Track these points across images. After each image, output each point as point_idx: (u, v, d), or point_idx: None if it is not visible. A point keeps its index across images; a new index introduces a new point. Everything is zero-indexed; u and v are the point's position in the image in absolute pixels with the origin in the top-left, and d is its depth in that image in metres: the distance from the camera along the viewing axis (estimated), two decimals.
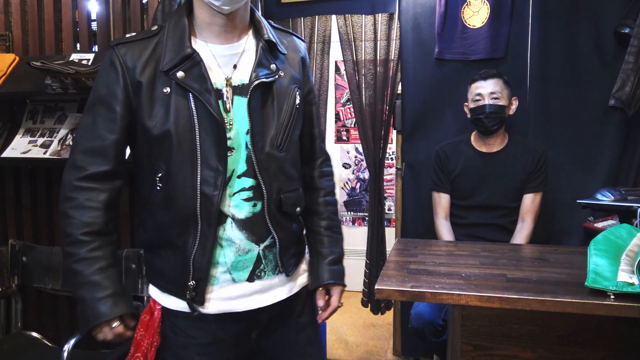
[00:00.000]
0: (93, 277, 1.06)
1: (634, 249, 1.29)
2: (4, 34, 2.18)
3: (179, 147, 1.06)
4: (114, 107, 1.08)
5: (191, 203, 1.06)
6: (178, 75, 1.06)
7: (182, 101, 1.06)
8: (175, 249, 1.10)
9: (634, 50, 2.11)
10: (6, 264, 2.10)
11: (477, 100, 2.13)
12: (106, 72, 1.10)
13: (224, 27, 1.11)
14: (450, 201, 2.25)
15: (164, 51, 1.08)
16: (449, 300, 1.32)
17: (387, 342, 2.98)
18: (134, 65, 1.08)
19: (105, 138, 1.09)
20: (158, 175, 1.08)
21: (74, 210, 1.07)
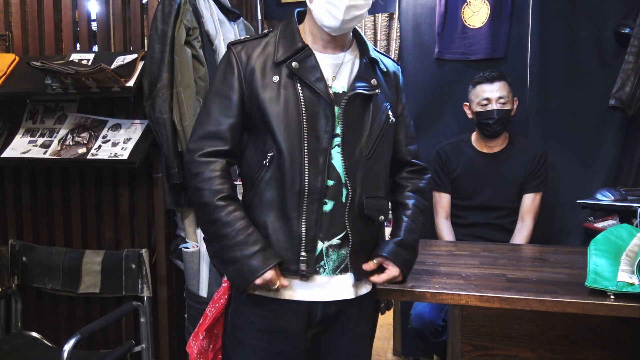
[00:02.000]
0: (239, 237, 1.13)
1: (634, 249, 1.30)
2: (4, 34, 2.17)
3: (288, 129, 1.16)
4: (230, 95, 1.20)
5: (299, 178, 1.15)
6: (293, 64, 1.18)
7: (291, 88, 1.18)
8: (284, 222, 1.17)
9: (634, 50, 2.11)
10: (6, 264, 2.10)
11: (485, 105, 2.12)
12: (222, 69, 1.23)
13: (329, 42, 1.24)
14: (450, 201, 2.25)
15: (277, 47, 1.21)
16: (449, 300, 1.32)
17: (387, 342, 2.98)
18: (247, 57, 1.20)
19: (221, 122, 1.19)
20: (268, 154, 1.18)
21: (203, 183, 1.15)
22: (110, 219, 2.08)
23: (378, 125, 1.24)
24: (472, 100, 2.17)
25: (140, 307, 1.92)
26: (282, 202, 1.17)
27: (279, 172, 1.16)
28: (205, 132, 1.19)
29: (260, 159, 1.19)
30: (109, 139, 1.96)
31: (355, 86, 1.21)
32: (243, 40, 1.24)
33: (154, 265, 2.01)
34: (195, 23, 1.89)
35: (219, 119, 1.19)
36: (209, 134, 1.19)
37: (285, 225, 1.17)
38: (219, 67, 1.25)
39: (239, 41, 1.25)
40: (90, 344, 2.12)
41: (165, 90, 1.81)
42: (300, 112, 1.16)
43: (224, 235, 1.14)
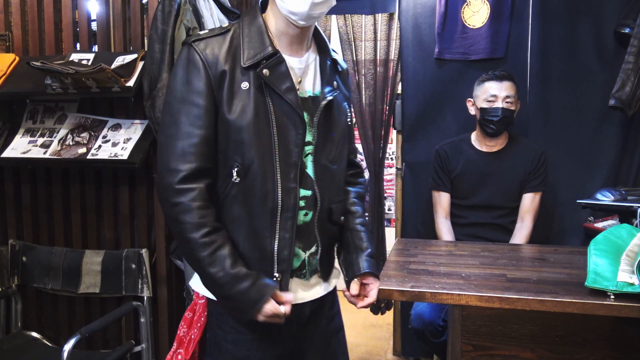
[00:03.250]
0: (228, 277, 1.06)
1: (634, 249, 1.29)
2: (4, 34, 2.18)
3: (259, 141, 1.09)
4: (198, 102, 1.08)
5: (272, 196, 1.10)
6: (264, 72, 1.09)
7: (260, 97, 1.09)
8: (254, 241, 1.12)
9: (634, 50, 2.11)
10: (6, 264, 2.10)
11: (491, 102, 2.11)
12: (184, 69, 1.09)
13: (295, 38, 1.16)
14: (450, 200, 2.25)
15: (242, 47, 1.10)
16: (449, 300, 1.32)
17: (387, 342, 2.98)
18: (215, 58, 1.08)
19: (193, 135, 1.07)
20: (234, 169, 1.10)
21: (184, 215, 1.06)
22: (110, 219, 2.08)
23: (342, 128, 1.23)
24: (477, 97, 2.16)
25: (140, 307, 1.92)
26: (251, 221, 1.11)
27: (246, 188, 1.10)
28: (178, 148, 1.07)
29: (225, 172, 1.12)
30: (109, 139, 1.96)
31: (325, 93, 1.17)
32: (204, 37, 1.11)
33: (154, 265, 2.02)
34: (195, 23, 1.89)
35: (189, 131, 1.07)
36: (183, 150, 1.07)
37: (256, 245, 1.12)
38: (177, 68, 1.11)
39: (198, 37, 1.11)
40: (90, 344, 2.12)
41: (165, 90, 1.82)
42: (271, 124, 1.10)
43: (211, 274, 1.07)
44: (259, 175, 1.09)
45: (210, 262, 1.06)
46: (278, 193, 1.10)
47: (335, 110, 1.21)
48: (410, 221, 2.61)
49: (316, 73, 1.19)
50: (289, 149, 1.11)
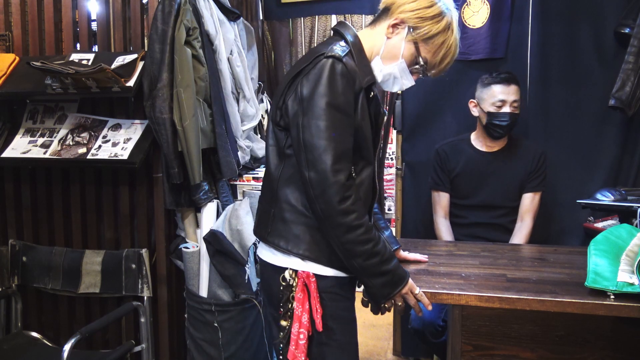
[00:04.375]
0: (387, 254, 1.26)
1: (634, 249, 1.29)
2: (4, 34, 2.18)
3: (367, 145, 1.31)
4: (351, 114, 1.24)
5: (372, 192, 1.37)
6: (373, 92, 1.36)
7: (368, 111, 1.32)
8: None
9: (634, 50, 2.11)
10: (6, 264, 2.10)
11: (499, 107, 2.09)
12: (337, 80, 1.22)
13: None
14: (449, 200, 2.25)
15: (359, 67, 1.28)
16: (449, 300, 1.32)
17: (387, 342, 2.98)
18: (355, 75, 1.25)
19: (347, 141, 1.24)
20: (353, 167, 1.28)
21: (354, 205, 1.22)
22: (110, 219, 2.08)
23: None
24: (483, 99, 2.14)
25: (140, 307, 1.92)
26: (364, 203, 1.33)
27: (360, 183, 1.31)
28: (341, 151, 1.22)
29: None
30: (109, 139, 1.96)
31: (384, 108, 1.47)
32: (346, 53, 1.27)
33: (154, 265, 2.02)
34: (195, 23, 1.89)
35: (347, 139, 1.24)
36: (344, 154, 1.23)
37: None
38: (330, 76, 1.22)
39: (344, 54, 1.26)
40: (90, 344, 2.12)
41: (165, 90, 1.82)
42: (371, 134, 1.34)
43: (378, 252, 1.24)
44: (370, 175, 1.34)
45: (377, 242, 1.24)
46: (377, 186, 1.39)
47: None
48: (410, 221, 2.61)
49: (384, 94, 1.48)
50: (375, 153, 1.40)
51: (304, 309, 1.29)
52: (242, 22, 2.30)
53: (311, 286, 1.29)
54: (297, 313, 1.29)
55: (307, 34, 2.83)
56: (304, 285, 1.29)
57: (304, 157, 1.22)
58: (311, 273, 1.29)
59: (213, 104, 1.93)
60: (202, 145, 1.87)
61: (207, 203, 1.97)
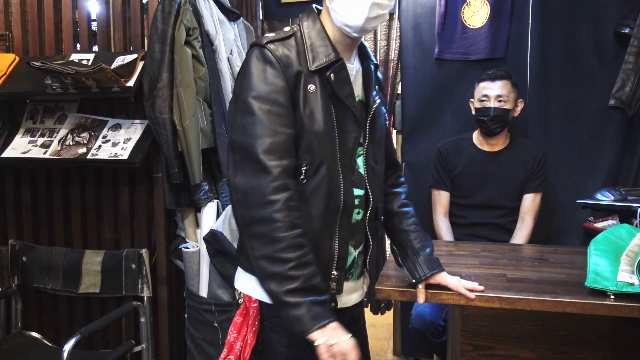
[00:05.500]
0: (311, 282, 1.03)
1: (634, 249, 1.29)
2: (4, 34, 2.18)
3: (326, 144, 1.12)
4: (280, 100, 1.08)
5: (336, 196, 1.13)
6: (331, 76, 1.12)
7: (325, 100, 1.12)
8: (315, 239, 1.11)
9: (634, 50, 2.11)
10: (6, 264, 2.10)
11: (483, 101, 2.13)
12: (261, 69, 1.09)
13: (347, 47, 1.19)
14: (449, 199, 2.25)
15: (308, 51, 1.13)
16: (449, 300, 1.32)
17: (387, 342, 2.98)
18: (288, 60, 1.11)
19: (280, 133, 1.07)
20: (303, 168, 1.11)
21: (279, 213, 1.02)
22: (110, 219, 2.08)
23: (382, 130, 1.27)
24: (475, 97, 2.19)
25: (140, 307, 1.92)
26: (314, 219, 1.11)
27: (314, 188, 1.11)
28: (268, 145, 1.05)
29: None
30: (109, 139, 1.96)
31: (375, 98, 1.22)
32: (273, 39, 1.13)
33: (154, 265, 2.02)
34: (195, 23, 1.89)
35: (276, 129, 1.06)
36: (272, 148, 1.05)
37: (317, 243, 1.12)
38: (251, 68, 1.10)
39: (269, 39, 1.12)
40: (90, 344, 2.12)
41: (165, 90, 1.81)
42: (334, 127, 1.13)
43: (293, 277, 1.01)
44: (326, 177, 1.11)
45: (297, 264, 1.02)
46: (341, 193, 1.14)
47: (378, 114, 1.24)
48: None
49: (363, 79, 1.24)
50: (347, 151, 1.15)
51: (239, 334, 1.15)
52: (242, 22, 2.30)
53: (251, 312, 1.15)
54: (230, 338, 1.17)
55: None
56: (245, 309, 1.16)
57: (232, 159, 1.10)
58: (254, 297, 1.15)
59: (213, 104, 1.93)
60: (202, 145, 1.87)
61: (207, 203, 1.97)
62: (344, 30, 1.15)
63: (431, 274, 1.28)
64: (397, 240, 1.35)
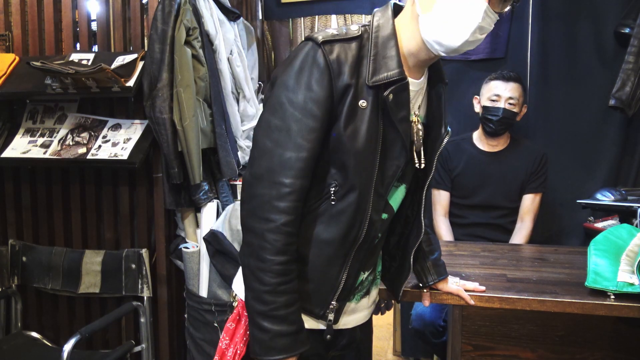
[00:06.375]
0: (280, 312, 0.97)
1: (634, 249, 1.29)
2: (4, 34, 2.18)
3: (363, 169, 1.00)
4: (315, 112, 0.96)
5: (359, 226, 1.03)
6: (390, 97, 0.99)
7: (374, 120, 1.00)
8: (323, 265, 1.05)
9: (634, 50, 2.11)
10: (6, 264, 2.10)
11: (494, 101, 2.12)
12: (307, 70, 0.97)
13: (423, 62, 1.06)
14: (449, 199, 2.25)
15: (370, 61, 1.00)
16: (449, 301, 1.32)
17: (387, 342, 2.98)
18: (341, 67, 0.97)
19: (303, 148, 0.96)
20: (332, 188, 1.01)
21: (271, 234, 0.96)
22: (110, 219, 2.08)
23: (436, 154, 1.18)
24: (483, 94, 2.18)
25: (140, 307, 1.92)
26: (329, 244, 1.03)
27: (338, 212, 1.02)
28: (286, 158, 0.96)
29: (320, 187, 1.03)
30: (109, 139, 1.96)
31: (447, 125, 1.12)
32: (333, 39, 0.98)
33: (154, 265, 2.02)
34: (195, 23, 1.89)
35: (300, 144, 0.96)
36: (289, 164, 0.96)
37: (324, 269, 1.05)
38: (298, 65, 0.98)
39: (327, 38, 0.98)
40: (90, 344, 2.12)
41: (165, 90, 1.81)
42: (377, 152, 1.01)
43: (266, 301, 0.97)
44: (354, 204, 1.01)
45: (272, 290, 0.97)
46: (365, 224, 1.03)
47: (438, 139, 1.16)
48: None
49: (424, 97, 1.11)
50: (384, 179, 1.04)
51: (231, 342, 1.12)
52: (242, 22, 2.30)
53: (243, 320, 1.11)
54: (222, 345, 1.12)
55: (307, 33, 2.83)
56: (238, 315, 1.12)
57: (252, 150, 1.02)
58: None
59: (213, 104, 1.93)
60: (202, 145, 1.87)
61: (207, 203, 1.97)
62: (431, 46, 1.00)
63: (438, 280, 1.30)
64: None
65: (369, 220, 1.03)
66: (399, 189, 1.13)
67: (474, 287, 1.32)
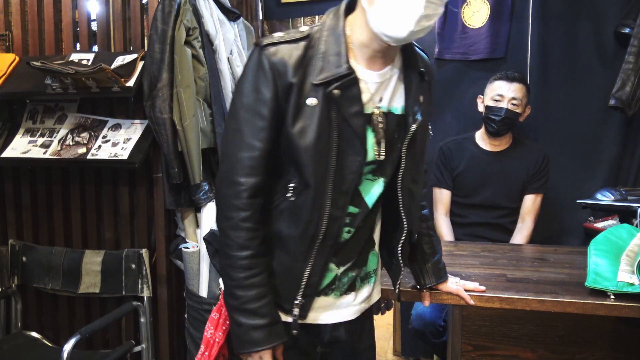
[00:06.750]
0: (250, 305, 1.03)
1: (634, 249, 1.29)
2: (4, 34, 2.18)
3: (316, 165, 1.02)
4: (263, 113, 1.01)
5: (316, 223, 1.04)
6: (335, 92, 1.00)
7: (326, 118, 1.01)
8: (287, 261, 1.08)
9: (634, 50, 2.11)
10: (6, 264, 2.10)
11: (497, 101, 2.12)
12: (253, 74, 1.03)
13: (379, 53, 1.06)
14: (450, 198, 2.25)
15: (316, 60, 1.02)
16: (449, 300, 1.32)
17: (387, 342, 2.98)
18: (284, 68, 1.01)
19: (255, 148, 1.02)
20: (291, 184, 1.05)
21: (233, 231, 1.03)
22: (110, 219, 2.08)
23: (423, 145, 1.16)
24: (486, 94, 2.18)
25: (140, 307, 1.92)
26: (290, 241, 1.07)
27: (295, 208, 1.05)
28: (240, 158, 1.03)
29: (281, 184, 1.07)
30: (109, 139, 1.96)
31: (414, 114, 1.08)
32: (277, 41, 1.02)
33: (154, 265, 2.02)
34: (195, 23, 1.89)
35: (251, 143, 1.02)
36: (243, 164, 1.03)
37: (288, 265, 1.08)
38: (247, 71, 1.05)
39: (271, 41, 1.02)
40: (90, 344, 2.12)
41: (165, 90, 1.81)
42: (332, 148, 1.02)
43: (237, 296, 1.04)
44: (309, 200, 1.03)
45: (240, 285, 1.03)
46: (323, 221, 1.04)
47: (420, 130, 1.11)
48: None
49: (397, 87, 1.10)
50: (345, 175, 1.04)
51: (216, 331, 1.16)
52: (242, 22, 2.30)
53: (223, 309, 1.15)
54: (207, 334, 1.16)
55: None
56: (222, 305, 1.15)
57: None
58: None
59: (213, 104, 1.93)
60: (202, 145, 1.87)
61: (207, 203, 1.97)
62: (381, 38, 1.01)
63: (437, 283, 1.30)
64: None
65: (327, 216, 1.04)
66: (376, 183, 1.11)
67: (474, 287, 1.32)
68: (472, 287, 1.32)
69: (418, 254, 1.29)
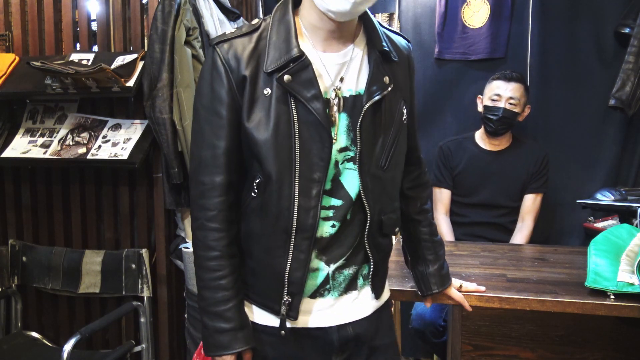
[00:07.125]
0: (216, 308, 1.02)
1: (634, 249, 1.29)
2: (4, 34, 2.18)
3: (277, 156, 0.98)
4: (220, 111, 1.01)
5: (287, 215, 1.00)
6: (285, 78, 0.97)
7: (283, 106, 0.98)
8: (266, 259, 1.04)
9: (634, 50, 2.11)
10: (6, 264, 2.10)
11: (495, 100, 2.13)
12: (208, 73, 1.03)
13: (333, 33, 1.02)
14: (450, 197, 2.25)
15: (268, 49, 1.00)
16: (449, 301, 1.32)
17: None
18: (237, 62, 1.00)
19: (215, 146, 1.01)
20: (256, 181, 1.02)
21: (199, 231, 1.03)
22: (110, 219, 2.08)
23: (393, 129, 1.07)
24: (485, 94, 2.19)
25: (140, 307, 1.92)
26: (265, 238, 1.03)
27: (264, 204, 1.02)
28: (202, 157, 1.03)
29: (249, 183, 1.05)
30: (109, 139, 1.96)
31: (372, 92, 1.02)
32: (228, 37, 1.02)
33: (154, 265, 2.02)
34: (195, 23, 1.89)
35: (211, 142, 1.02)
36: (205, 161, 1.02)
37: (268, 264, 1.04)
38: (204, 71, 1.05)
39: (223, 38, 1.02)
40: (90, 344, 2.12)
41: (165, 90, 1.81)
42: (293, 136, 0.98)
43: (203, 297, 1.03)
44: (274, 192, 1.00)
45: (206, 286, 1.03)
46: (294, 212, 1.00)
47: (386, 110, 1.05)
48: None
49: (362, 68, 1.05)
50: (312, 163, 0.99)
51: None
52: (242, 22, 2.30)
53: None
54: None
55: None
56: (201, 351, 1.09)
57: None
58: None
59: None
60: None
61: None
62: (328, 15, 0.98)
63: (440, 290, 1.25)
64: (410, 246, 1.27)
65: (297, 207, 0.99)
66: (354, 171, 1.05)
67: (474, 287, 1.32)
68: (473, 288, 1.32)
69: (420, 260, 1.25)
